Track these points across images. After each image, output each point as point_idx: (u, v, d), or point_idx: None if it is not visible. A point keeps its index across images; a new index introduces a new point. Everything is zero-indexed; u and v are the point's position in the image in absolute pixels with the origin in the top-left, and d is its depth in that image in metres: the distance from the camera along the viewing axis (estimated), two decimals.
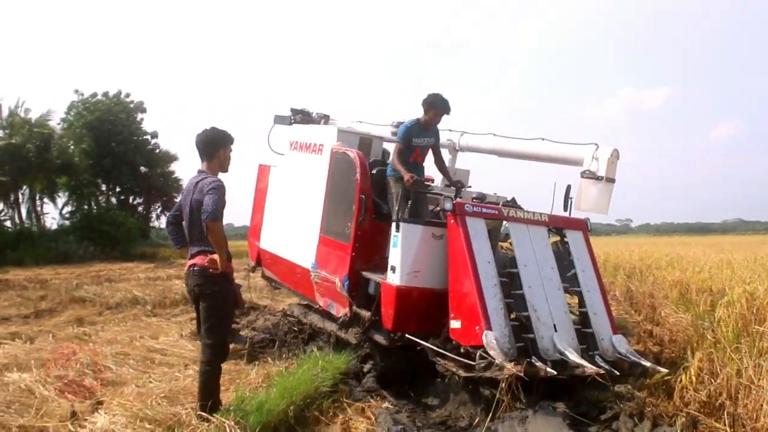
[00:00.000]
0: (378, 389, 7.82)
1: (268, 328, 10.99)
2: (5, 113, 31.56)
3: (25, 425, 6.22)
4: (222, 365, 6.10)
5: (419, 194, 8.13)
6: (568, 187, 8.17)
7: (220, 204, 5.67)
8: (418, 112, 8.22)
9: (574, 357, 6.54)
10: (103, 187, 39.28)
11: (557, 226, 7.91)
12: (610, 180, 7.93)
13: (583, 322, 7.25)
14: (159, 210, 43.26)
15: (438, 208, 8.98)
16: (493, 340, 6.34)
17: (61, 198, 35.82)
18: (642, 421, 6.08)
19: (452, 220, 7.20)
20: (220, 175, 6.05)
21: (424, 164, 8.63)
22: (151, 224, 43.60)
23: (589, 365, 6.41)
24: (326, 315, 8.98)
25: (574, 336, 7.01)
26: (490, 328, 6.44)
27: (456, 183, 8.45)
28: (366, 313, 7.82)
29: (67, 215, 35.95)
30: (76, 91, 37.28)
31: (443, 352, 6.94)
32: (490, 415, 6.15)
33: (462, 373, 6.57)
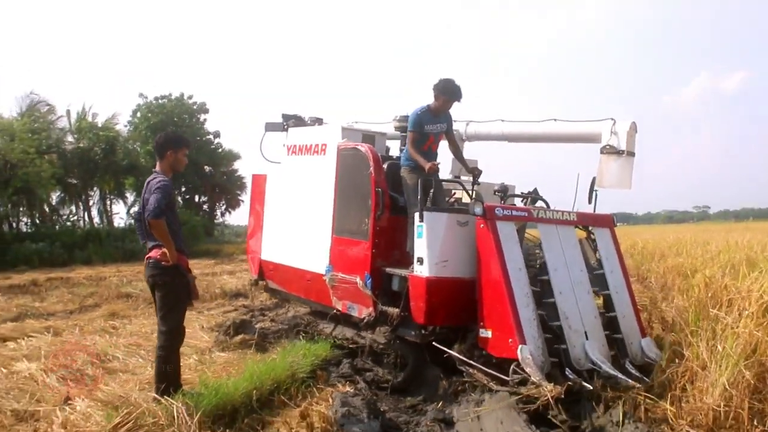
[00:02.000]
0: (352, 375, 7.40)
1: (287, 320, 10.28)
2: (73, 119, 32.00)
3: (18, 409, 6.13)
4: (179, 349, 6.18)
5: (438, 183, 7.37)
6: (593, 180, 7.53)
7: (163, 202, 5.67)
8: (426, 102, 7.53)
9: (606, 367, 6.01)
10: None
11: (585, 224, 7.28)
12: (631, 153, 7.56)
13: (611, 325, 6.64)
14: (224, 208, 43.43)
15: (452, 201, 8.43)
16: (529, 355, 5.71)
17: (129, 198, 36.36)
18: (598, 405, 5.70)
19: (482, 225, 6.47)
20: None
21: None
22: (216, 222, 43.77)
23: (622, 377, 5.86)
24: (343, 320, 8.32)
25: (604, 342, 6.43)
26: (524, 342, 5.83)
27: (473, 170, 7.78)
28: (394, 310, 7.14)
29: (134, 215, 36.25)
30: (141, 95, 37.64)
31: (472, 363, 6.32)
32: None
33: (494, 386, 5.97)
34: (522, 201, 7.96)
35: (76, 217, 32.15)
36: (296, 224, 9.10)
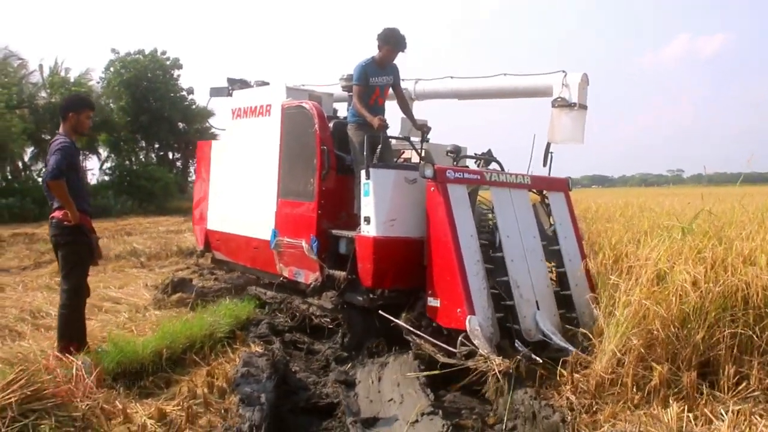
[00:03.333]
0: (269, 335, 6.94)
1: (231, 279, 9.60)
2: (46, 73, 30.81)
3: None
4: (83, 308, 6.03)
5: (385, 140, 6.73)
6: (548, 144, 7.05)
7: (62, 163, 5.48)
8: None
9: (557, 339, 5.55)
10: (142, 144, 37.54)
11: (539, 188, 6.74)
12: (583, 106, 7.12)
13: (565, 295, 6.20)
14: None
15: (400, 160, 7.76)
16: (477, 327, 5.23)
17: (103, 154, 35.40)
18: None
19: (432, 188, 5.83)
20: None
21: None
22: (190, 179, 42.13)
23: (572, 349, 5.34)
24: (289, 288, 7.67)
25: (556, 312, 5.95)
26: (473, 312, 5.35)
27: (422, 127, 7.15)
28: (341, 273, 6.48)
29: (108, 171, 35.32)
30: (113, 50, 35.74)
31: (418, 333, 5.78)
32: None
33: (441, 358, 5.42)
34: (475, 163, 7.35)
35: None
36: (242, 190, 8.35)
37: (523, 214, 6.30)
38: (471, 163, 7.44)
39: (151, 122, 34.83)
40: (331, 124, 7.17)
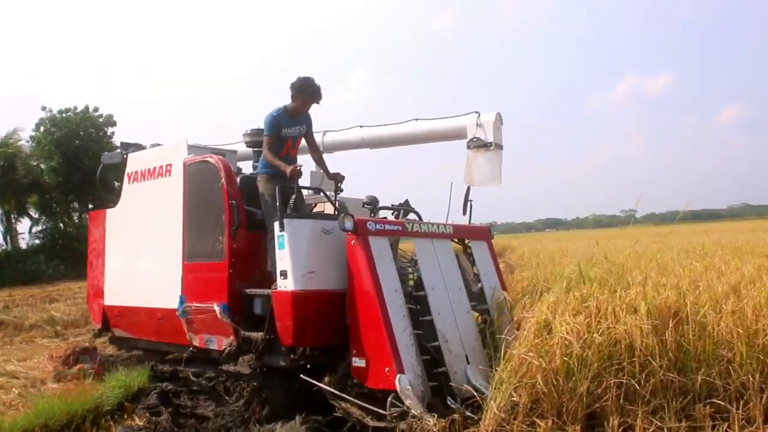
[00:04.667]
0: (158, 406, 6.50)
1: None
2: None
3: None
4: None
5: (298, 189, 6.40)
6: (468, 189, 6.88)
7: None
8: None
9: (488, 393, 5.10)
10: (75, 205, 35.15)
11: (461, 237, 6.55)
12: (498, 146, 7.07)
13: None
14: None
15: (315, 212, 7.48)
16: (408, 386, 4.94)
17: (35, 216, 33.90)
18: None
19: (353, 241, 5.51)
20: None
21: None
22: None
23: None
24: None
25: (485, 364, 5.63)
26: (402, 371, 5.03)
27: (335, 176, 6.77)
28: (258, 334, 5.94)
29: (39, 234, 33.83)
30: (44, 108, 33.31)
31: (344, 396, 5.38)
32: None
33: (370, 422, 5.09)
34: (393, 214, 7.08)
35: None
36: (142, 258, 7.64)
37: (447, 265, 6.09)
38: (388, 215, 7.16)
39: (84, 182, 33.17)
40: (238, 179, 6.75)
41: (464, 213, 6.82)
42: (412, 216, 6.99)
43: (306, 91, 6.42)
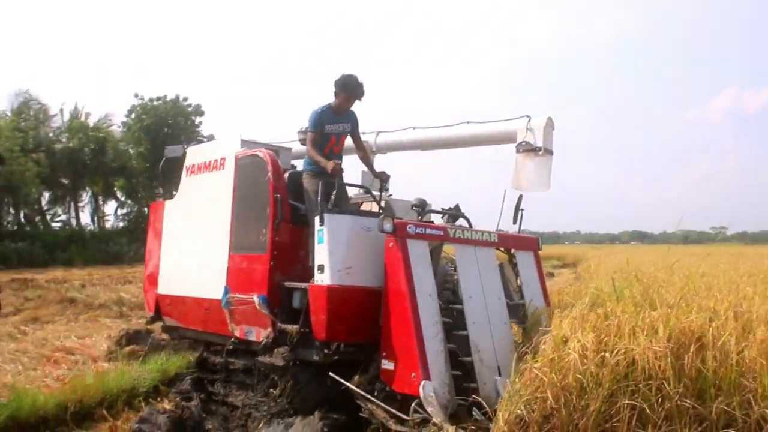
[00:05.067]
0: (190, 391, 6.61)
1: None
2: (66, 118, 30.97)
3: None
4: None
5: (341, 187, 6.36)
6: (520, 197, 6.67)
7: None
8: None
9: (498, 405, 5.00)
10: (160, 191, 37.95)
11: (507, 246, 6.39)
12: (548, 151, 6.94)
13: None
14: None
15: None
16: (432, 393, 4.86)
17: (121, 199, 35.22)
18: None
19: (391, 244, 5.46)
20: None
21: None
22: None
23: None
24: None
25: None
26: (428, 377, 4.97)
27: (380, 174, 6.83)
28: (293, 327, 5.97)
29: (123, 217, 35.13)
30: (136, 95, 34.82)
31: (369, 397, 5.35)
32: None
33: (392, 426, 5.05)
34: (441, 218, 6.98)
35: (64, 218, 31.10)
36: (194, 249, 7.80)
37: (487, 274, 5.93)
38: (437, 218, 7.06)
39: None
40: (286, 175, 6.82)
41: (514, 222, 6.65)
42: (461, 221, 6.87)
43: (348, 88, 6.45)
